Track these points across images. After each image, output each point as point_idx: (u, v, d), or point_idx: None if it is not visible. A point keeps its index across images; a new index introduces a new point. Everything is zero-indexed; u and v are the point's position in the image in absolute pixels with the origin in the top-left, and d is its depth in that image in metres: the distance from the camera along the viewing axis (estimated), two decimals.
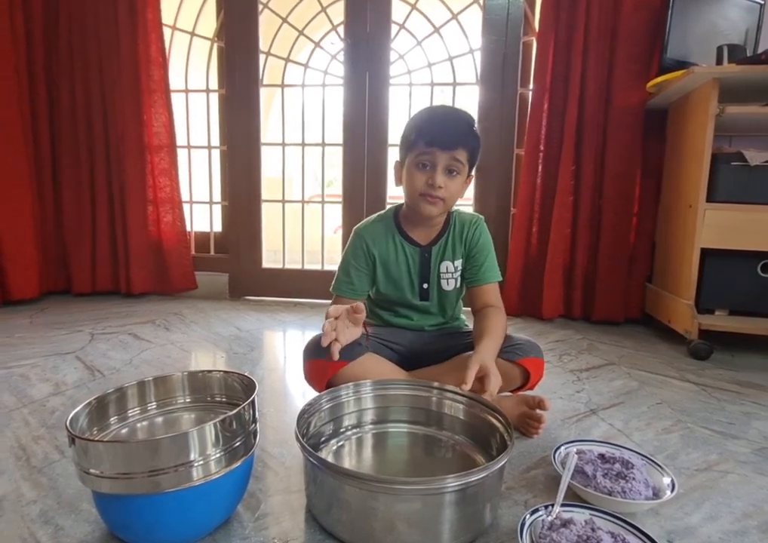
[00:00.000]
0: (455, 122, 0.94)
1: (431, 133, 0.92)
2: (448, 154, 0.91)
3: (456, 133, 0.92)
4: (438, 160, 0.91)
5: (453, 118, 0.95)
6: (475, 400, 0.83)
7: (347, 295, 1.03)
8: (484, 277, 1.02)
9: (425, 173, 0.93)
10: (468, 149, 0.92)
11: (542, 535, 0.60)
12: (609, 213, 1.83)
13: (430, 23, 1.99)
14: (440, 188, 0.92)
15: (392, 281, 1.04)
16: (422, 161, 0.93)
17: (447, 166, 0.92)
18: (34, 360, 1.32)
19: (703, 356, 1.46)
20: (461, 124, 0.94)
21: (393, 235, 1.03)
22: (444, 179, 0.92)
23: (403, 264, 1.03)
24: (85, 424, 0.65)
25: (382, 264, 1.03)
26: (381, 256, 1.03)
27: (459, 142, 0.91)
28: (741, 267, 1.53)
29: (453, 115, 0.96)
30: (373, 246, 1.03)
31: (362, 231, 1.04)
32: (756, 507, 0.74)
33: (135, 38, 1.95)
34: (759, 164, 1.45)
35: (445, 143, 0.90)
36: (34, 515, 0.68)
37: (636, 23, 1.73)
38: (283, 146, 2.18)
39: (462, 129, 0.93)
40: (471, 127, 0.95)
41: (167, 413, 0.78)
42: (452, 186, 0.93)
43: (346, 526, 0.63)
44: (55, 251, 2.11)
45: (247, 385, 0.75)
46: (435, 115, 0.96)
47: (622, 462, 0.75)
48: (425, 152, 0.92)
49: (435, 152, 0.91)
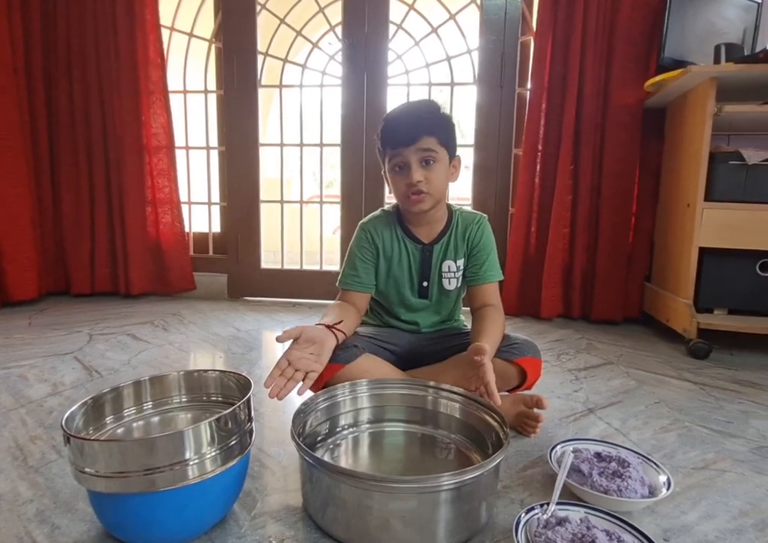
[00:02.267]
0: (410, 115, 0.95)
1: (391, 134, 0.93)
2: (414, 147, 0.90)
3: (413, 125, 0.92)
4: (409, 157, 0.91)
5: (407, 111, 0.96)
6: (471, 398, 0.83)
7: (354, 288, 1.03)
8: (485, 276, 1.02)
9: (402, 174, 0.93)
10: (434, 134, 0.91)
11: (538, 534, 0.60)
12: (607, 213, 1.83)
13: (428, 23, 1.99)
14: (419, 182, 0.91)
15: (393, 277, 1.04)
16: (396, 164, 0.94)
17: (420, 159, 0.91)
18: (32, 361, 1.32)
19: (702, 355, 1.46)
20: (417, 114, 0.94)
21: (396, 231, 1.03)
22: (422, 172, 0.92)
23: (405, 260, 1.03)
24: (81, 424, 0.65)
25: (385, 258, 1.04)
26: (384, 250, 1.03)
27: (420, 131, 0.90)
28: (740, 266, 1.53)
29: (407, 109, 0.97)
30: (377, 239, 1.03)
31: (366, 225, 1.05)
32: (753, 506, 0.74)
33: (133, 39, 1.96)
34: (757, 162, 1.45)
35: (407, 138, 0.91)
36: (30, 514, 0.68)
37: (634, 22, 1.73)
38: (281, 147, 2.18)
39: (418, 118, 0.93)
40: (429, 112, 0.94)
41: (163, 413, 0.78)
42: (433, 177, 0.93)
43: (342, 524, 0.63)
44: (54, 252, 2.12)
45: (243, 384, 0.75)
46: (392, 117, 0.96)
47: (618, 461, 0.75)
48: (394, 155, 0.93)
49: (402, 151, 0.91)
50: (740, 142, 1.70)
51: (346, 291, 1.04)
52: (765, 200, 1.46)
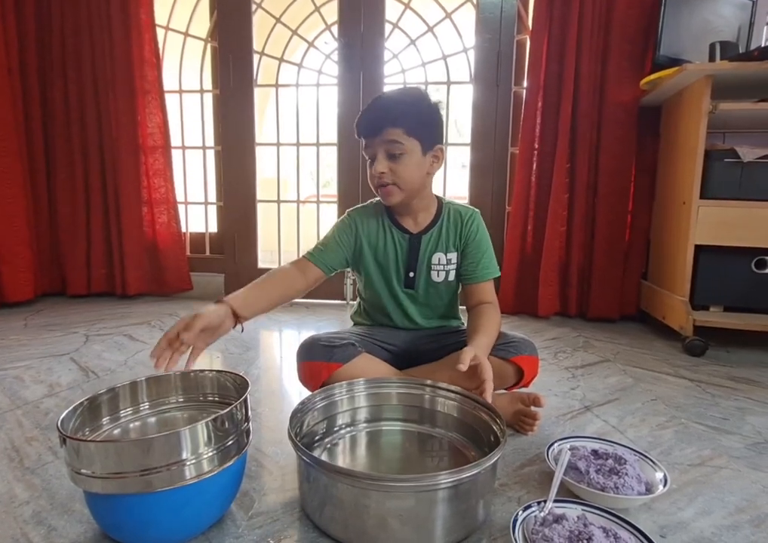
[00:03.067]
0: (378, 105, 0.92)
1: (359, 125, 0.92)
2: (379, 139, 0.89)
3: (378, 116, 0.90)
4: (375, 148, 0.90)
5: (377, 102, 0.93)
6: (468, 396, 0.83)
7: (314, 261, 0.99)
8: (481, 274, 1.02)
9: (372, 166, 0.92)
10: (399, 125, 0.88)
11: (535, 531, 0.60)
12: (604, 211, 1.84)
13: (424, 22, 1.99)
14: (383, 173, 0.90)
15: (380, 266, 1.04)
16: (367, 155, 0.93)
17: (386, 151, 0.90)
18: (28, 362, 1.32)
19: (698, 352, 1.46)
20: (384, 105, 0.92)
21: (383, 220, 1.03)
22: (387, 164, 0.90)
23: (392, 250, 1.02)
24: (77, 425, 0.65)
25: (371, 247, 1.03)
26: (370, 240, 1.03)
27: (384, 123, 0.88)
28: (736, 263, 1.54)
29: (378, 99, 0.93)
30: (362, 230, 1.02)
31: (354, 214, 1.04)
32: (749, 502, 0.74)
33: (128, 38, 1.95)
34: (752, 160, 1.46)
35: (371, 129, 0.90)
36: (27, 516, 0.68)
37: (629, 20, 1.73)
38: (278, 146, 2.18)
39: (383, 109, 0.90)
40: (397, 102, 0.91)
41: (160, 413, 0.78)
42: (399, 169, 0.90)
43: (339, 523, 0.63)
44: (50, 253, 2.11)
45: (240, 384, 0.75)
46: (365, 107, 0.94)
47: (615, 458, 0.75)
48: (365, 146, 0.93)
49: (369, 142, 0.91)
50: (735, 140, 1.71)
51: (306, 261, 1.00)
52: (760, 197, 1.47)
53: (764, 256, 1.50)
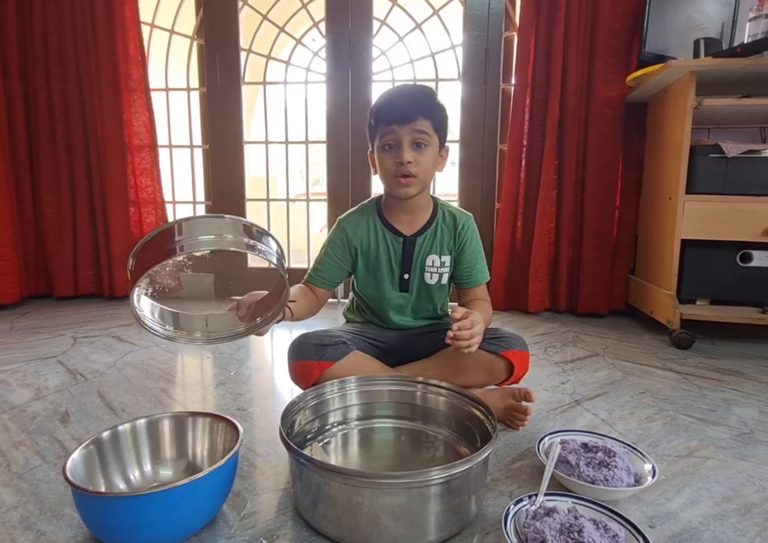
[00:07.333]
0: (409, 95, 0.94)
1: (387, 111, 0.91)
2: (409, 127, 0.89)
3: (412, 105, 0.91)
4: (401, 136, 0.90)
5: (407, 91, 0.95)
6: (459, 393, 0.83)
7: (315, 283, 1.03)
8: (476, 279, 1.04)
9: (392, 153, 0.91)
10: (430, 118, 0.90)
11: (526, 525, 0.61)
12: (592, 207, 1.85)
13: (411, 18, 1.98)
14: (409, 163, 0.90)
15: (372, 271, 1.03)
16: (386, 141, 0.91)
17: (412, 140, 0.90)
18: (15, 366, 1.30)
19: (685, 345, 1.49)
20: (416, 95, 0.93)
21: (375, 225, 1.02)
22: (413, 154, 0.90)
23: (384, 254, 1.01)
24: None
25: (364, 254, 1.02)
26: (362, 247, 1.02)
27: (417, 112, 0.89)
28: (721, 257, 1.56)
29: (407, 89, 0.97)
30: (354, 237, 1.02)
31: (344, 222, 1.04)
32: (735, 491, 0.76)
33: (113, 36, 1.92)
34: (736, 155, 1.48)
35: (403, 117, 0.89)
36: (15, 521, 0.67)
37: (615, 17, 1.74)
38: (266, 144, 2.16)
39: (417, 99, 0.92)
40: (427, 96, 0.94)
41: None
42: (422, 160, 0.91)
43: (332, 521, 0.63)
44: (35, 254, 2.08)
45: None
46: (390, 94, 0.95)
47: (605, 451, 0.76)
48: (387, 132, 0.91)
49: (395, 129, 0.90)
50: (720, 135, 1.73)
51: (309, 283, 1.04)
52: (744, 192, 1.49)
53: (749, 249, 1.53)
